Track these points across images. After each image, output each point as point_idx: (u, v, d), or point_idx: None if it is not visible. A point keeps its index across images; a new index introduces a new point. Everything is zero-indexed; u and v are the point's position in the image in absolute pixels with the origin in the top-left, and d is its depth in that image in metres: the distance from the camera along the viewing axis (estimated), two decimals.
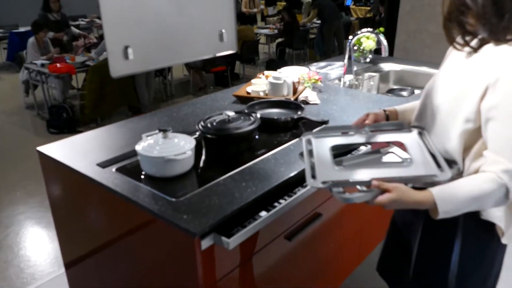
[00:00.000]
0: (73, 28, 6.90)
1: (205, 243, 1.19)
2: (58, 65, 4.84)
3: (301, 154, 1.21)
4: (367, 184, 1.04)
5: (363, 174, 1.08)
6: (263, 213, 1.29)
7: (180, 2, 1.60)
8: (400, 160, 1.20)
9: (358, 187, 1.06)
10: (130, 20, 1.40)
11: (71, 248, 1.81)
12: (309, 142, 1.25)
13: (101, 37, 8.59)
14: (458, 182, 1.05)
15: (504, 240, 1.16)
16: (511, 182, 0.99)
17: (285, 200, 1.37)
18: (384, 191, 1.02)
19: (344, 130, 1.29)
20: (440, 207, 1.01)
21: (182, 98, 6.17)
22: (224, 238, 1.18)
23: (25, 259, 2.73)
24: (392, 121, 1.40)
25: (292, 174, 1.44)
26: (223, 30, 1.86)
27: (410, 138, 1.22)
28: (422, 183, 1.09)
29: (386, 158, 1.24)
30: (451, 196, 1.02)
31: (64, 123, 4.82)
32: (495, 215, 1.12)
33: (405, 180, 1.06)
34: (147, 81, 5.34)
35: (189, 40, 1.67)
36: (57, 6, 6.11)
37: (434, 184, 1.04)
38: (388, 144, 1.32)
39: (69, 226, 1.75)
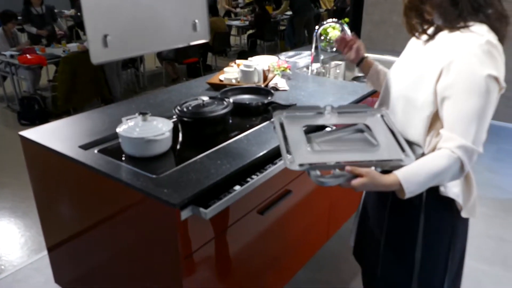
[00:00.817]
0: (60, 22, 6.69)
1: (184, 214, 1.30)
2: (28, 56, 4.80)
3: (275, 129, 1.25)
4: (341, 167, 1.12)
5: (336, 157, 1.15)
6: (237, 187, 1.42)
7: None
8: (367, 140, 1.27)
9: (332, 170, 1.14)
10: (109, 10, 1.49)
11: (54, 231, 1.88)
12: (281, 122, 1.29)
13: (70, 29, 8.48)
14: (419, 162, 1.13)
15: (463, 214, 1.28)
16: (465, 156, 1.08)
17: (257, 175, 1.49)
18: (356, 175, 1.10)
19: (313, 110, 1.34)
20: (406, 188, 1.10)
21: (154, 90, 6.20)
22: (201, 209, 1.30)
23: (2, 247, 2.77)
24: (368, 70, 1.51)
25: (263, 153, 1.57)
26: (196, 20, 1.96)
27: (374, 121, 1.30)
28: (389, 167, 1.17)
29: (354, 137, 1.30)
30: (414, 177, 1.11)
31: (36, 114, 4.79)
32: (453, 191, 1.23)
33: (374, 165, 1.15)
34: (118, 72, 5.35)
35: (164, 29, 1.77)
36: (38, 0, 5.91)
37: (400, 167, 1.14)
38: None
39: (53, 208, 1.83)
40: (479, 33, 1.11)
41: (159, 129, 1.50)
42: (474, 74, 1.08)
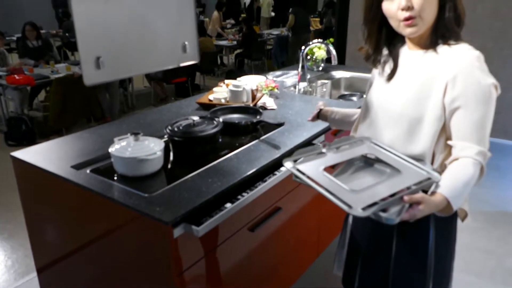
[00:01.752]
0: (55, 52, 6.73)
1: (177, 232, 1.32)
2: (16, 76, 4.80)
3: (297, 177, 1.19)
4: (398, 200, 1.07)
5: (381, 193, 1.09)
6: (228, 205, 1.45)
7: (146, 16, 1.74)
8: (379, 169, 1.26)
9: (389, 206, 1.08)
10: (102, 32, 1.53)
11: (45, 251, 1.88)
12: (298, 169, 1.21)
13: (58, 49, 8.49)
14: (451, 176, 1.16)
15: (465, 222, 1.33)
16: (484, 161, 1.16)
17: (247, 193, 1.53)
18: (413, 203, 1.07)
19: (312, 151, 1.29)
20: (453, 203, 1.11)
21: (143, 109, 6.23)
22: (194, 227, 1.32)
23: None
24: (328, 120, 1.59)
25: (253, 171, 1.60)
26: (186, 42, 2.01)
27: (371, 149, 1.30)
28: (421, 188, 1.16)
29: (367, 169, 1.28)
30: (456, 191, 1.13)
31: (23, 135, 4.78)
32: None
33: (415, 190, 1.11)
34: (110, 92, 5.38)
35: (155, 51, 1.82)
36: (33, 34, 5.89)
37: (430, 185, 1.15)
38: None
39: (43, 229, 1.83)
40: (468, 47, 1.20)
41: (151, 148, 1.53)
42: (480, 84, 1.15)
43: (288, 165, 1.22)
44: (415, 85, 1.26)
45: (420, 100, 1.24)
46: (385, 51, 1.37)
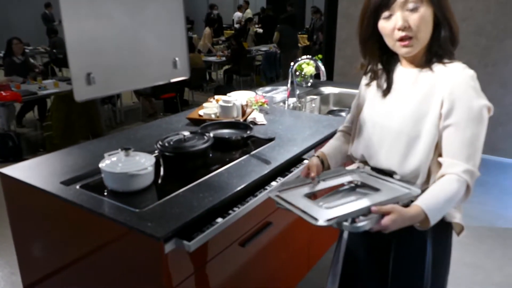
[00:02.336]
0: (36, 64, 6.73)
1: (168, 247, 1.32)
2: (3, 93, 4.76)
3: (279, 204, 1.23)
4: (366, 212, 1.08)
5: (352, 207, 1.11)
6: (219, 220, 1.45)
7: (137, 33, 1.76)
8: (364, 192, 1.27)
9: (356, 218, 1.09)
10: (92, 48, 1.54)
11: (33, 268, 1.85)
12: (280, 196, 1.25)
13: (45, 65, 8.46)
14: (433, 190, 1.17)
15: (460, 236, 1.34)
16: (470, 180, 1.16)
17: (238, 208, 1.53)
18: (384, 214, 1.06)
19: (302, 182, 1.32)
20: (430, 216, 1.11)
21: (132, 125, 6.20)
22: (185, 242, 1.32)
23: None
24: (331, 167, 1.49)
25: (243, 185, 1.61)
26: (177, 58, 2.03)
27: (359, 176, 1.33)
28: (400, 204, 1.15)
29: (352, 192, 1.29)
30: (435, 204, 1.13)
31: (9, 151, 4.72)
32: (455, 216, 1.29)
33: (388, 202, 1.11)
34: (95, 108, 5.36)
35: (146, 67, 1.83)
36: (21, 48, 5.91)
37: (409, 200, 1.16)
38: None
39: (32, 245, 1.80)
40: (463, 66, 1.22)
41: (141, 164, 1.53)
42: (473, 105, 1.18)
43: (271, 194, 1.27)
44: (412, 103, 1.27)
45: (418, 118, 1.25)
46: (379, 67, 1.39)
